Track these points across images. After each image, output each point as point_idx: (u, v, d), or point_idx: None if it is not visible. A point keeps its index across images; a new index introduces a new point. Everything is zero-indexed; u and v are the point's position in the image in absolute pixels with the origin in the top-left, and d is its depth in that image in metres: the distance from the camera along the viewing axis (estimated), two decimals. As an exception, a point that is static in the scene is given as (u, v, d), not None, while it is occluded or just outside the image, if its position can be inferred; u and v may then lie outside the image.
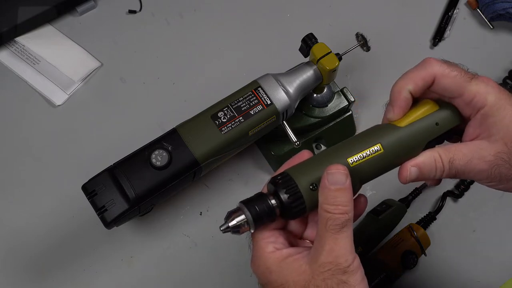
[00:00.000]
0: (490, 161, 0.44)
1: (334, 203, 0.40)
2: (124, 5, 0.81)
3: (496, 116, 0.44)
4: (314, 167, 0.43)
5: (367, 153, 0.44)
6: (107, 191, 0.56)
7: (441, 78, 0.45)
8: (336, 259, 0.40)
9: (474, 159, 0.44)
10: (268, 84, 0.59)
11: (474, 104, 0.45)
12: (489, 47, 0.80)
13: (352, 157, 0.43)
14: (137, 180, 0.56)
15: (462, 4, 0.82)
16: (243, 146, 0.62)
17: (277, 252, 0.42)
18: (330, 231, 0.40)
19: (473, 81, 0.45)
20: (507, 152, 0.44)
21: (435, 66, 0.46)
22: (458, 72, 0.45)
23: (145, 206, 0.59)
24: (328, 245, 0.40)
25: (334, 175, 0.40)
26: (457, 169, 0.45)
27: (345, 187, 0.40)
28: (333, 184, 0.40)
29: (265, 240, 0.43)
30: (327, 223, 0.40)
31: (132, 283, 0.68)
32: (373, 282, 0.64)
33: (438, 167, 0.45)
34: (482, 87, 0.44)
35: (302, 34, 0.63)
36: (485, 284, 0.68)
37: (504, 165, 0.44)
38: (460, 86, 0.45)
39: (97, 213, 0.56)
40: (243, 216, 0.41)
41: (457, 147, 0.45)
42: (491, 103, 0.44)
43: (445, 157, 0.44)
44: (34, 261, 0.68)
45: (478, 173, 0.45)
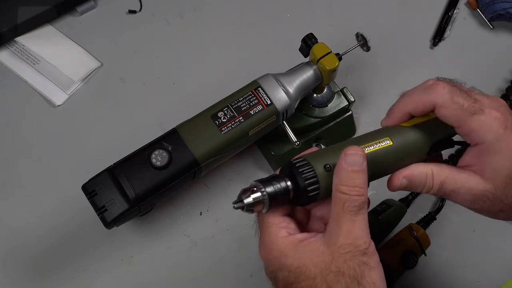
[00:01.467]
0: (475, 195, 0.45)
1: (351, 184, 0.40)
2: (124, 5, 0.81)
3: (492, 156, 0.44)
4: (329, 154, 0.43)
5: (377, 143, 0.44)
6: (107, 191, 0.56)
7: (441, 108, 0.45)
8: (355, 240, 0.40)
9: (463, 188, 0.45)
10: (268, 84, 0.59)
11: (473, 137, 0.45)
12: (489, 47, 0.80)
13: (363, 145, 0.44)
14: (137, 180, 0.57)
15: (462, 4, 0.82)
16: (243, 146, 0.62)
17: (291, 236, 0.42)
18: (348, 212, 0.40)
19: (475, 116, 0.44)
20: (493, 193, 0.44)
21: (439, 93, 0.45)
22: (460, 103, 0.44)
23: (145, 206, 0.59)
24: (346, 227, 0.40)
25: (352, 156, 0.40)
26: (445, 191, 0.45)
27: (362, 169, 0.40)
28: (351, 165, 0.40)
29: (277, 225, 0.42)
30: (344, 205, 0.40)
31: (132, 283, 0.68)
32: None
33: (427, 184, 0.45)
34: (484, 123, 0.44)
35: (302, 34, 0.63)
36: (485, 284, 0.68)
37: (487, 202, 0.45)
38: (459, 119, 0.44)
39: (97, 213, 0.56)
40: (259, 194, 0.40)
41: (452, 171, 0.45)
42: (490, 142, 0.44)
43: (438, 177, 0.45)
44: (34, 261, 0.68)
45: (462, 201, 0.46)
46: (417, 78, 0.78)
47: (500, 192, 0.44)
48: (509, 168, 0.44)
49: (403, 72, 0.79)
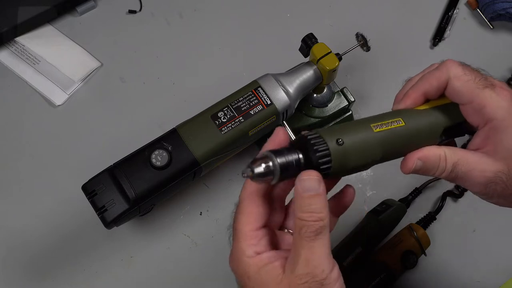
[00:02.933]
0: (488, 177, 0.44)
1: (308, 210, 0.38)
2: (124, 5, 0.81)
3: (504, 134, 0.43)
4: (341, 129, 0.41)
5: (389, 123, 0.43)
6: (107, 191, 0.56)
7: (453, 80, 0.45)
8: (313, 269, 0.38)
9: (475, 171, 0.44)
10: (268, 84, 0.59)
11: (483, 114, 0.44)
12: (489, 47, 0.80)
13: (375, 124, 0.43)
14: (137, 180, 0.57)
15: (462, 4, 0.82)
16: (243, 146, 0.62)
17: (257, 257, 0.40)
18: (305, 239, 0.38)
19: (486, 89, 0.44)
20: (506, 174, 0.43)
21: (452, 67, 0.45)
22: (472, 76, 0.44)
23: (145, 206, 0.59)
24: (304, 254, 0.38)
25: (306, 182, 0.38)
26: (457, 174, 0.44)
27: (319, 193, 0.38)
28: (305, 191, 0.38)
29: (247, 242, 0.41)
30: (301, 231, 0.38)
31: (132, 283, 0.68)
32: (373, 282, 0.64)
33: (440, 166, 0.44)
34: (495, 98, 0.43)
35: (302, 34, 0.63)
36: (485, 284, 0.68)
37: (500, 184, 0.44)
38: (471, 92, 0.44)
39: (97, 213, 0.56)
40: (270, 164, 0.38)
41: (464, 153, 0.45)
42: (501, 118, 0.43)
43: (450, 159, 0.44)
44: (34, 261, 0.68)
45: (475, 185, 0.45)
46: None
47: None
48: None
49: (403, 72, 0.78)
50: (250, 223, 0.41)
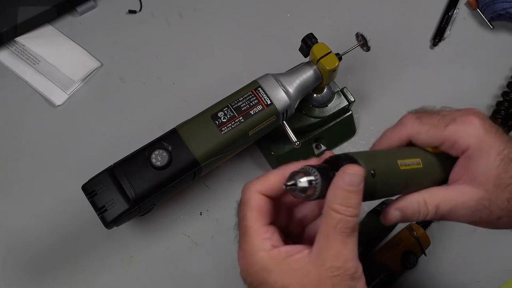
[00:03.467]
0: (472, 207, 0.44)
1: (346, 204, 0.38)
2: (124, 5, 0.81)
3: (478, 161, 0.44)
4: (373, 159, 0.42)
5: (412, 163, 0.45)
6: (107, 191, 0.56)
7: (415, 136, 0.47)
8: (345, 264, 0.38)
9: (458, 206, 0.45)
10: (268, 84, 0.59)
11: (457, 148, 0.45)
12: (489, 47, 0.80)
13: (401, 161, 0.44)
14: (137, 180, 0.56)
15: (462, 4, 0.82)
16: (243, 146, 0.62)
17: (275, 250, 0.39)
18: (340, 234, 0.38)
19: (449, 126, 0.45)
20: (488, 199, 0.44)
21: (408, 125, 0.47)
22: (431, 123, 0.46)
23: (145, 206, 0.59)
24: (336, 248, 0.38)
25: (351, 176, 0.38)
26: (442, 213, 0.45)
27: (359, 189, 0.39)
28: (348, 184, 0.38)
29: (261, 236, 0.40)
30: (337, 225, 0.38)
31: (132, 283, 0.68)
32: (373, 282, 0.64)
33: (421, 211, 0.45)
34: (460, 130, 0.45)
35: (302, 34, 0.63)
36: (485, 284, 0.68)
37: (484, 211, 0.44)
38: (436, 137, 0.46)
39: (97, 213, 0.56)
40: (313, 178, 0.38)
41: (443, 192, 0.45)
42: (473, 147, 0.44)
43: (431, 202, 0.45)
44: (34, 261, 0.68)
45: (460, 217, 0.45)
46: (417, 78, 0.78)
47: (494, 196, 0.44)
48: (496, 168, 0.44)
49: (403, 72, 0.79)
50: (260, 219, 0.40)
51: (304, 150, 0.71)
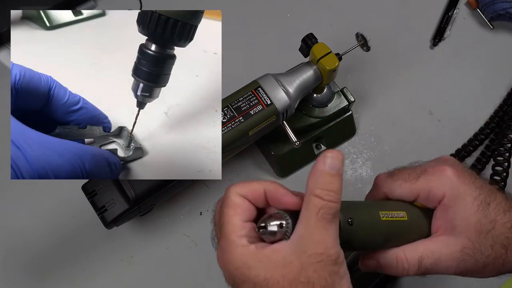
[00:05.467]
0: (457, 258, 0.44)
1: (328, 188, 0.37)
2: (124, 5, 0.81)
3: (455, 208, 0.44)
4: (352, 208, 0.42)
5: (394, 214, 0.44)
6: (107, 191, 0.56)
7: (391, 194, 0.47)
8: (327, 250, 0.37)
9: (442, 257, 0.44)
10: (268, 84, 0.59)
11: (432, 198, 0.45)
12: (489, 47, 0.80)
13: (383, 212, 0.44)
14: (137, 180, 0.56)
15: (462, 4, 0.82)
16: (243, 146, 0.62)
17: (252, 245, 0.38)
18: (322, 220, 0.37)
19: (420, 178, 0.45)
20: (471, 248, 0.44)
21: (382, 185, 0.47)
22: (401, 179, 0.46)
23: (145, 206, 0.59)
24: (319, 235, 0.37)
25: (332, 159, 0.37)
26: (426, 267, 0.45)
27: (340, 174, 0.38)
28: (330, 167, 0.37)
29: (237, 233, 0.39)
30: (319, 212, 0.37)
31: (132, 283, 0.68)
32: (373, 282, 0.64)
33: (400, 266, 0.45)
34: (432, 180, 0.45)
35: (302, 34, 0.63)
36: (485, 284, 0.68)
37: (469, 260, 0.44)
38: (409, 190, 0.46)
39: (97, 213, 0.56)
40: (285, 223, 0.38)
41: (425, 245, 0.45)
42: (448, 195, 0.44)
43: (413, 257, 0.45)
44: (34, 261, 0.68)
45: (446, 269, 0.45)
46: (417, 78, 0.78)
47: (477, 243, 0.43)
48: (475, 214, 0.43)
49: (403, 72, 0.79)
50: (237, 214, 0.39)
51: (304, 150, 0.71)
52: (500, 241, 0.44)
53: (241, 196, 0.40)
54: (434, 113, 0.76)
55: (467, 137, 0.74)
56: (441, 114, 0.76)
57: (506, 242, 0.44)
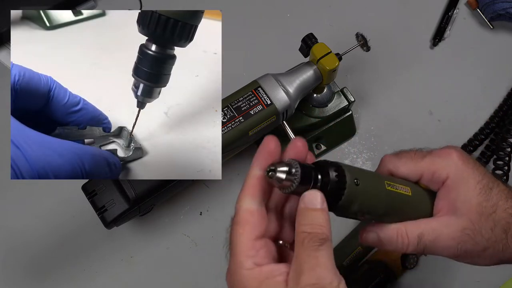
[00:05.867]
0: (457, 238, 0.44)
1: (310, 223, 0.38)
2: (124, 5, 0.81)
3: (458, 190, 0.44)
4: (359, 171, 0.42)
5: (400, 187, 0.45)
6: (107, 191, 0.56)
7: (396, 172, 0.47)
8: (320, 280, 0.36)
9: (442, 235, 0.44)
10: (268, 84, 0.59)
11: (436, 179, 0.45)
12: (489, 47, 0.80)
13: (389, 182, 0.44)
14: (137, 180, 0.56)
15: (462, 4, 0.82)
16: (243, 146, 0.62)
17: (257, 269, 0.38)
18: (308, 248, 0.37)
19: (426, 158, 0.46)
20: (472, 229, 0.44)
21: (387, 162, 0.48)
22: (407, 157, 0.47)
23: (145, 206, 0.59)
24: (308, 265, 0.37)
25: (309, 197, 0.39)
26: (425, 244, 0.45)
27: (322, 208, 0.38)
28: (309, 204, 0.38)
29: (244, 254, 0.39)
30: (304, 241, 0.37)
31: (132, 283, 0.68)
32: (373, 282, 0.64)
33: (399, 241, 0.45)
34: (438, 161, 0.45)
35: (302, 34, 0.63)
36: (485, 284, 0.68)
37: (469, 242, 0.44)
38: (414, 169, 0.46)
39: (97, 213, 0.56)
40: (294, 171, 0.38)
41: (427, 222, 0.45)
42: (452, 176, 0.45)
43: (413, 232, 0.45)
44: (34, 261, 0.68)
45: (445, 249, 0.45)
46: (417, 78, 0.78)
47: (478, 225, 0.44)
48: (477, 196, 0.44)
49: (403, 72, 0.79)
50: (247, 233, 0.39)
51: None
52: (501, 225, 0.44)
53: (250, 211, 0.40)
54: (434, 113, 0.76)
55: (467, 137, 0.74)
56: (441, 114, 0.76)
57: (507, 227, 0.44)
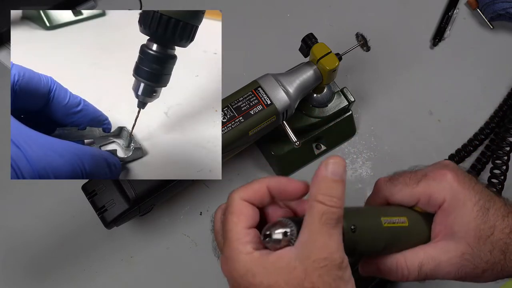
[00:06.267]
0: (456, 263, 0.44)
1: (331, 194, 0.37)
2: (124, 5, 0.81)
3: (455, 214, 0.44)
4: (355, 215, 0.42)
5: (396, 221, 0.44)
6: (107, 191, 0.56)
7: (391, 198, 0.47)
8: (331, 255, 0.37)
9: (442, 263, 0.44)
10: (268, 84, 0.59)
11: (433, 203, 0.45)
12: (489, 47, 0.80)
13: (385, 218, 0.44)
14: (137, 180, 0.57)
15: (462, 4, 0.82)
16: (243, 146, 0.62)
17: (256, 252, 0.38)
18: (325, 225, 0.37)
19: (421, 183, 0.45)
20: (471, 253, 0.44)
21: (382, 189, 0.47)
22: (402, 183, 0.46)
23: (145, 206, 0.59)
24: (322, 240, 0.37)
25: (334, 165, 0.38)
26: (426, 273, 0.45)
27: (342, 179, 0.38)
28: (332, 174, 0.38)
29: (241, 240, 0.39)
30: (322, 217, 0.37)
31: (132, 283, 0.68)
32: (373, 282, 0.64)
33: (399, 272, 0.45)
34: (433, 185, 0.45)
35: (302, 34, 0.63)
36: (485, 284, 0.68)
37: (469, 266, 0.44)
38: (410, 195, 0.46)
39: (97, 213, 0.56)
40: (289, 231, 0.38)
41: (426, 251, 0.45)
42: (449, 200, 0.44)
43: (413, 263, 0.45)
44: (34, 261, 0.68)
45: (446, 275, 0.45)
46: (417, 78, 0.78)
47: (476, 249, 0.44)
48: (474, 219, 0.43)
49: (403, 72, 0.79)
50: (241, 222, 0.40)
51: (304, 150, 0.71)
52: (499, 247, 0.44)
53: (244, 202, 0.40)
54: (434, 113, 0.76)
55: (467, 137, 0.74)
56: (441, 114, 0.76)
57: (505, 248, 0.44)
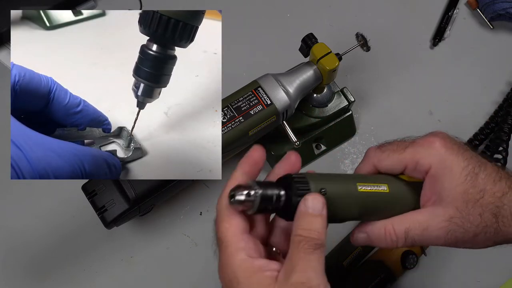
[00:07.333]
0: (444, 227, 0.44)
1: (311, 228, 0.39)
2: (124, 5, 0.81)
3: (442, 179, 0.44)
4: (327, 178, 0.43)
5: (374, 186, 0.44)
6: (107, 191, 0.56)
7: (379, 165, 0.47)
8: (309, 281, 0.38)
9: (430, 227, 0.44)
10: (268, 84, 0.59)
11: (419, 169, 0.45)
12: (489, 47, 0.80)
13: (361, 183, 0.44)
14: (137, 180, 0.57)
15: (462, 4, 0.82)
16: (243, 146, 0.62)
17: (249, 261, 0.40)
18: (302, 251, 0.39)
19: (408, 149, 0.46)
20: (459, 217, 0.44)
21: (371, 155, 0.48)
22: (390, 150, 0.46)
23: (145, 206, 0.59)
24: (300, 265, 0.38)
25: (311, 201, 0.40)
26: (413, 238, 0.45)
27: (322, 215, 0.40)
28: (311, 209, 0.40)
29: (234, 246, 0.40)
30: (299, 245, 0.39)
31: (132, 283, 0.68)
32: (373, 282, 0.64)
33: (388, 238, 0.45)
34: (420, 150, 0.45)
35: (302, 34, 0.63)
36: (485, 284, 0.68)
37: (458, 230, 0.44)
38: (397, 160, 0.46)
39: (97, 213, 0.56)
40: (253, 192, 0.40)
41: (412, 216, 0.45)
42: (435, 166, 0.44)
43: (399, 228, 0.45)
44: (34, 261, 0.68)
45: (435, 240, 0.45)
46: (417, 78, 0.78)
47: (465, 212, 0.43)
48: (462, 184, 0.43)
49: (403, 72, 0.79)
50: (232, 227, 0.41)
51: (304, 150, 0.71)
52: (489, 210, 0.44)
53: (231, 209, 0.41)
54: (434, 113, 0.76)
55: (467, 137, 0.74)
56: (441, 114, 0.76)
57: (496, 211, 0.44)
